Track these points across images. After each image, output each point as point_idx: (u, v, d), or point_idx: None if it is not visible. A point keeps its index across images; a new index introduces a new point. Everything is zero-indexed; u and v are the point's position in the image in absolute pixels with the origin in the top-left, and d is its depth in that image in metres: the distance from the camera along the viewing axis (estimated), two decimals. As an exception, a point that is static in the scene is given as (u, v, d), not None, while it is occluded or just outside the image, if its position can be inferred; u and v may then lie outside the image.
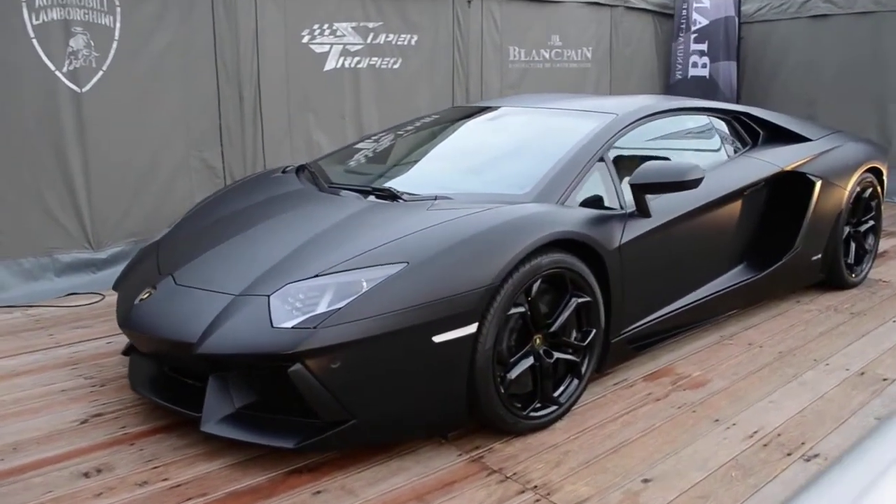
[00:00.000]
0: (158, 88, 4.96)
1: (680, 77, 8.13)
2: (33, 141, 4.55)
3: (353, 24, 5.79)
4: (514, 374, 2.78)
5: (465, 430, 2.87)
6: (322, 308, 2.52)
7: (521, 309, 2.76)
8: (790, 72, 8.01)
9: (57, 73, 4.56)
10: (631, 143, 3.68)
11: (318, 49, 5.65)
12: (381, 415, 2.59)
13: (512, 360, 2.78)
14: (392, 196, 3.17)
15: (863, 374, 3.49)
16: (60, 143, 4.64)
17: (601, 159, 3.30)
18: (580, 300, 2.95)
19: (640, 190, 3.15)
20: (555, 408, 2.93)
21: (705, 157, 4.02)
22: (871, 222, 4.86)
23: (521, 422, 2.82)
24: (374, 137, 4.34)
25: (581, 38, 7.37)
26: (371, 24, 5.89)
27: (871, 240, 4.90)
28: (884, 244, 5.93)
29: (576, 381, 3.02)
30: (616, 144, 3.53)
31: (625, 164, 3.44)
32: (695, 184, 3.14)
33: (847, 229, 4.63)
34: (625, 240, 3.11)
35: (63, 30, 4.53)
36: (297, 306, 2.56)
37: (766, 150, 4.24)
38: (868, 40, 7.40)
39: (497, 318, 2.66)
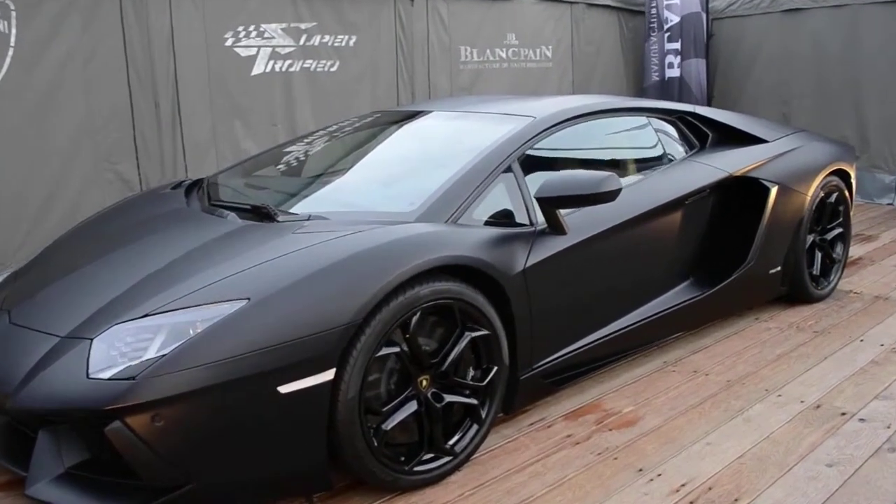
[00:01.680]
0: (62, 98, 4.55)
1: (657, 78, 7.69)
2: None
3: (283, 26, 5.39)
4: (391, 423, 2.37)
5: (346, 485, 2.46)
6: (150, 354, 2.12)
7: (396, 349, 2.35)
8: (763, 69, 7.59)
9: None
10: (554, 149, 3.27)
11: (243, 52, 5.25)
12: (223, 478, 2.18)
13: (387, 407, 2.37)
14: (267, 216, 2.75)
15: (818, 406, 3.07)
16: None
17: (509, 169, 2.89)
18: (475, 334, 2.54)
19: (547, 204, 2.74)
20: (448, 459, 2.52)
21: (642, 162, 3.61)
22: (839, 229, 4.44)
23: (402, 478, 2.41)
24: (285, 146, 3.94)
25: (539, 37, 6.96)
26: (303, 25, 5.49)
27: (839, 248, 4.48)
28: (859, 250, 5.51)
29: (475, 427, 2.60)
30: (535, 151, 3.13)
31: (541, 174, 3.02)
32: (610, 196, 2.72)
33: (811, 238, 4.21)
34: (531, 262, 2.70)
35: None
36: (124, 351, 2.15)
37: (715, 154, 3.83)
38: (843, 34, 6.98)
39: (362, 361, 2.25)
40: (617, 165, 3.52)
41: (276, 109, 5.47)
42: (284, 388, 2.13)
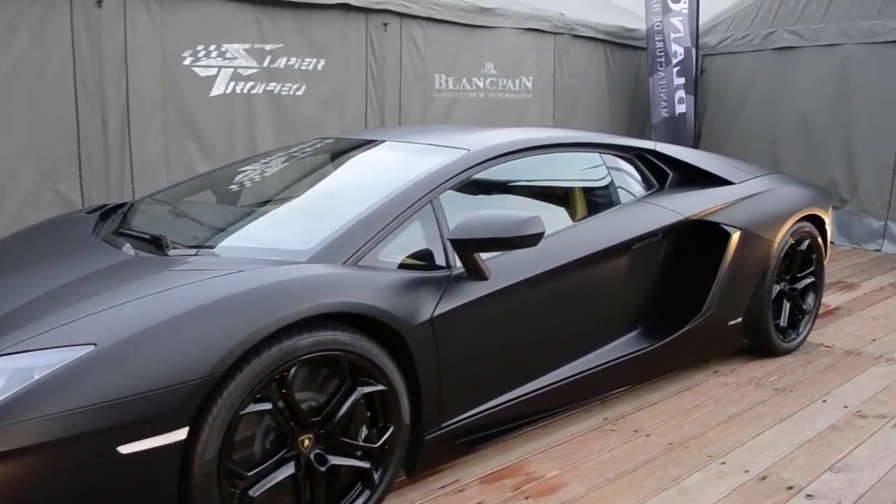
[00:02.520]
0: (3, 112, 4.38)
1: (666, 115, 7.40)
2: None
3: (246, 46, 5.23)
4: (261, 489, 2.12)
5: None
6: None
7: (268, 406, 2.11)
8: (753, 109, 7.37)
9: None
10: (489, 186, 3.05)
11: (202, 72, 5.08)
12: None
13: (254, 471, 2.12)
14: (159, 247, 2.53)
15: (764, 478, 2.79)
16: None
17: (429, 206, 2.66)
18: (369, 389, 2.30)
19: (462, 247, 2.51)
20: (332, 528, 2.26)
21: (589, 202, 3.38)
22: (811, 278, 4.18)
23: (275, 550, 2.16)
24: (218, 170, 3.75)
25: (520, 67, 6.77)
26: (268, 46, 5.32)
27: (810, 299, 4.21)
28: (837, 299, 5.24)
29: (366, 493, 2.35)
30: (467, 187, 2.91)
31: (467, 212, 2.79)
32: (531, 240, 2.49)
33: (778, 287, 3.96)
34: (441, 310, 2.46)
35: None
36: None
37: (672, 196, 3.59)
38: (835, 75, 6.76)
39: (223, 419, 2.01)
40: (560, 204, 3.29)
41: (237, 132, 5.29)
42: (125, 449, 1.89)
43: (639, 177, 3.64)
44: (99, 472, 1.89)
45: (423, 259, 2.58)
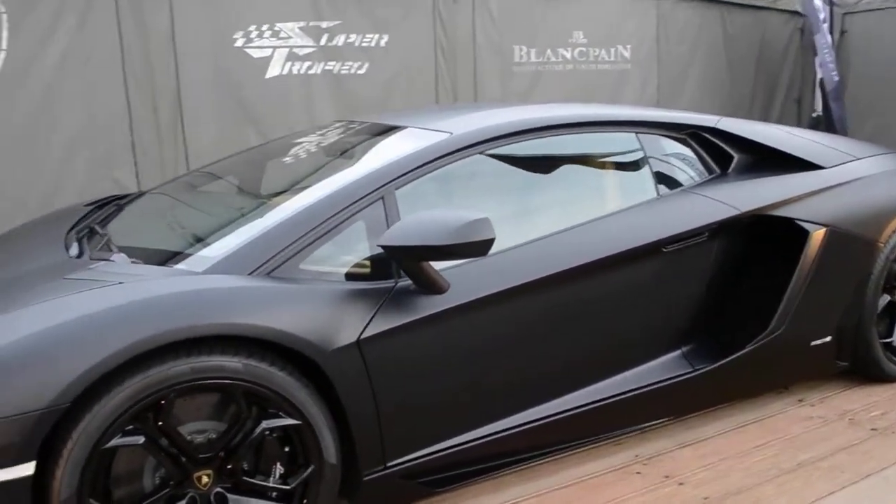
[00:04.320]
0: (57, 103, 4.41)
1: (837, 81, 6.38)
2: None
3: (301, 24, 4.98)
4: (137, 532, 1.84)
5: None
6: None
7: (139, 439, 1.81)
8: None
9: (-68, 86, 4.14)
10: (478, 177, 2.58)
11: (256, 53, 4.90)
12: None
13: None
14: (105, 248, 2.33)
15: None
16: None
17: (378, 203, 2.24)
18: (277, 423, 1.95)
19: (397, 256, 2.09)
20: (238, 579, 1.95)
21: (608, 196, 2.80)
22: (936, 288, 3.33)
23: None
24: (226, 158, 3.52)
25: (616, 35, 6.07)
26: (325, 24, 5.05)
27: (936, 313, 3.36)
28: None
29: (283, 540, 2.01)
30: (447, 179, 2.47)
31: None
32: (476, 249, 2.03)
33: (886, 299, 3.18)
34: (374, 330, 2.05)
35: (-62, 40, 4.11)
36: None
37: (731, 184, 2.92)
38: None
39: (80, 454, 1.74)
40: (566, 199, 2.73)
41: (295, 115, 5.07)
42: (-34, 482, 1.67)
43: (693, 162, 3.00)
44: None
45: (362, 268, 2.18)
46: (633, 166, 2.84)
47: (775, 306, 2.84)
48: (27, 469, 1.70)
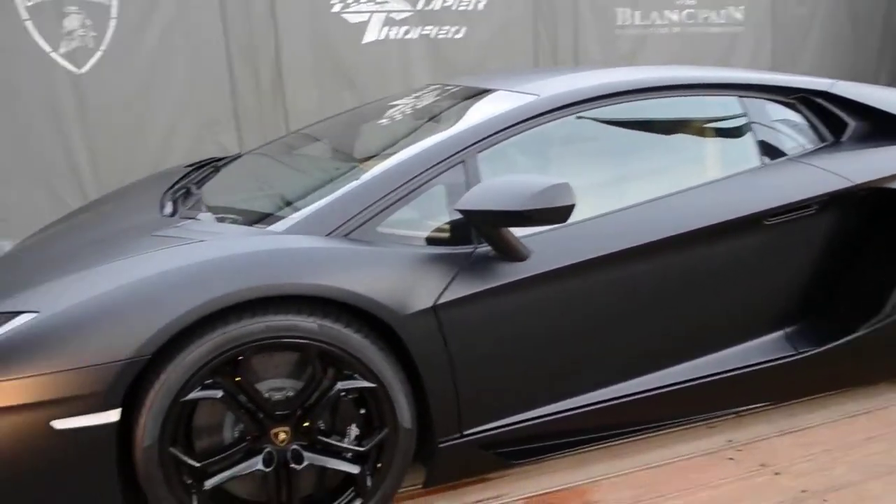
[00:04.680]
0: (164, 68, 4.61)
1: None
2: (37, 126, 4.43)
3: (398, -12, 4.96)
4: (216, 482, 1.90)
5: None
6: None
7: (217, 393, 1.87)
8: None
9: (53, 54, 4.39)
10: (567, 141, 2.49)
11: (353, 19, 4.91)
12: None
13: (206, 462, 1.90)
14: (195, 207, 2.42)
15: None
16: (63, 128, 4.49)
17: (461, 167, 2.19)
18: (352, 385, 1.96)
19: (476, 221, 2.03)
20: (310, 533, 1.99)
21: (704, 164, 2.63)
22: None
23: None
24: (330, 118, 3.56)
25: (727, -5, 5.72)
26: (422, -13, 5.01)
27: None
28: None
29: (358, 501, 2.03)
30: (537, 144, 2.39)
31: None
32: (554, 215, 1.95)
33: None
34: (450, 296, 2.02)
35: (56, 9, 4.33)
36: None
37: (846, 153, 2.69)
38: None
39: (161, 405, 1.81)
40: (658, 167, 2.57)
41: (392, 80, 5.07)
42: (59, 424, 1.77)
43: (803, 128, 2.78)
44: (34, 445, 1.79)
45: (441, 232, 2.14)
46: (735, 132, 2.66)
47: (892, 287, 2.61)
48: (113, 416, 1.78)
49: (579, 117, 2.41)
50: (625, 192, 2.43)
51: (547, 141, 2.42)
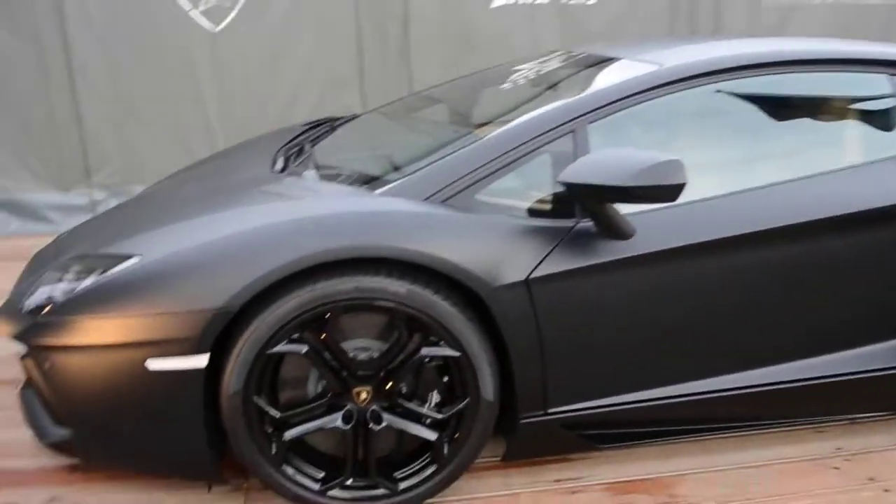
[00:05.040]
0: (294, 27, 4.75)
1: None
2: (174, 81, 4.68)
3: (530, -48, 4.81)
4: (294, 433, 1.94)
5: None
6: (55, 294, 2.01)
7: (303, 348, 1.89)
8: None
9: (191, 12, 4.59)
10: (689, 116, 2.32)
11: (483, -18, 4.83)
12: (100, 439, 2.02)
13: (286, 414, 1.93)
14: (304, 165, 2.46)
15: None
16: (198, 83, 4.73)
17: (569, 137, 2.08)
18: (436, 352, 1.93)
19: (579, 194, 1.93)
20: (384, 492, 2.00)
21: (843, 147, 2.37)
22: None
23: (312, 498, 1.98)
24: (449, 82, 3.51)
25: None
26: (555, -49, 4.83)
27: None
28: None
29: (433, 467, 2.02)
30: (657, 116, 2.24)
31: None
32: (662, 193, 1.81)
33: None
34: (545, 270, 1.94)
35: (196, -32, 4.54)
36: (46, 287, 2.08)
37: None
38: None
39: (248, 355, 1.85)
40: (788, 148, 2.33)
41: (518, 45, 4.94)
42: (153, 364, 1.85)
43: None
44: (130, 382, 1.88)
45: (542, 204, 2.05)
46: (882, 115, 2.38)
47: None
48: (202, 361, 1.85)
49: (703, 91, 2.23)
50: (748, 174, 2.24)
51: (666, 114, 2.26)
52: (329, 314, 1.87)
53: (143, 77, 4.65)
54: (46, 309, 1.96)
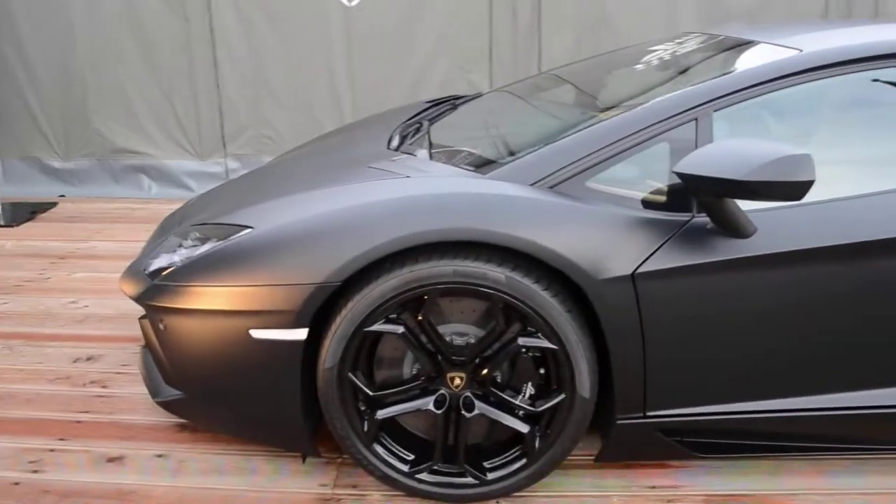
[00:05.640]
0: (427, 4, 4.76)
1: None
2: (307, 55, 4.83)
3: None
4: (386, 413, 1.96)
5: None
6: (174, 259, 2.12)
7: (399, 329, 1.88)
8: None
9: (328, -13, 4.71)
10: (829, 106, 2.11)
11: (624, -40, 4.63)
12: (206, 401, 2.12)
13: (379, 393, 1.94)
14: (418, 144, 2.47)
15: None
16: (330, 57, 4.87)
17: (693, 124, 1.94)
18: (534, 343, 1.87)
19: (695, 187, 1.79)
20: (473, 482, 1.98)
21: None
22: None
23: (400, 479, 1.99)
24: (577, 62, 3.41)
25: None
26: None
27: None
28: None
29: (523, 460, 1.97)
30: (790, 105, 2.07)
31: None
32: (787, 190, 1.65)
33: None
34: (654, 266, 1.82)
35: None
36: (167, 252, 2.20)
37: None
38: None
39: (345, 331, 1.86)
40: None
41: (654, 21, 4.72)
42: (256, 333, 1.91)
43: None
44: (234, 349, 1.96)
45: (655, 195, 1.93)
46: None
47: None
48: (301, 334, 1.88)
49: (850, 80, 2.02)
50: (891, 174, 2.01)
51: (804, 104, 2.07)
52: (427, 296, 1.85)
53: (279, 51, 4.83)
54: (164, 273, 2.07)
